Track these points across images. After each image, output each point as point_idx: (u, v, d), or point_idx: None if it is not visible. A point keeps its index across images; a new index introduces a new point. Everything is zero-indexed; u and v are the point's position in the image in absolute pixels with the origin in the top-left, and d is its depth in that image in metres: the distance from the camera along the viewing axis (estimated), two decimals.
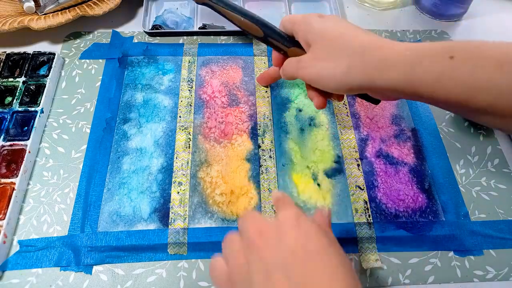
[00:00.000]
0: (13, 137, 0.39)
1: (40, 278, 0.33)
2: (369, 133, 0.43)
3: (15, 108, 0.41)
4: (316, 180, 0.39)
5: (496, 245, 0.36)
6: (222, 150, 0.41)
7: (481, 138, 0.43)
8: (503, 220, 0.38)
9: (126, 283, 0.33)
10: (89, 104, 0.44)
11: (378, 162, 0.41)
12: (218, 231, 0.36)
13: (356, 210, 0.37)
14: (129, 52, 0.48)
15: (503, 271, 0.35)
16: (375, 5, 0.56)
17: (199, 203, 0.37)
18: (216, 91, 0.45)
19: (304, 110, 0.44)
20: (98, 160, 0.39)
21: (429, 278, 0.35)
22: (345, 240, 0.36)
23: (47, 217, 0.36)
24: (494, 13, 0.56)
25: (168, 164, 0.39)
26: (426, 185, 0.39)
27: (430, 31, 0.53)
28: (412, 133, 0.43)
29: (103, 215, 0.36)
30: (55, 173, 0.39)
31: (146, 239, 0.35)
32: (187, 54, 0.48)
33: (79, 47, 0.48)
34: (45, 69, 0.45)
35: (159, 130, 0.42)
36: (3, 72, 0.44)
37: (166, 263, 0.35)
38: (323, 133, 0.42)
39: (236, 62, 0.48)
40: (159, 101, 0.44)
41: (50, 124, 0.42)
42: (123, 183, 0.38)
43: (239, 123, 0.43)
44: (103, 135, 0.41)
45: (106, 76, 0.46)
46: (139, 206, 0.37)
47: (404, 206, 0.38)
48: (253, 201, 0.38)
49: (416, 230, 0.37)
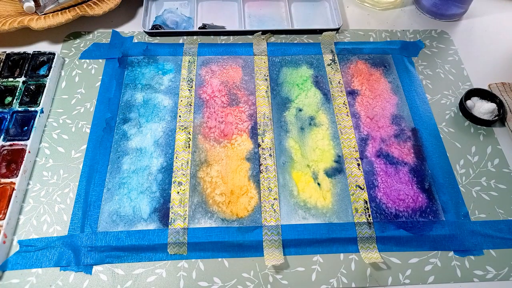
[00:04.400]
0: (13, 137, 0.39)
1: (40, 278, 0.33)
2: (369, 132, 0.43)
3: (15, 108, 0.41)
4: (316, 179, 0.39)
5: (496, 245, 0.36)
6: (222, 150, 0.41)
7: (481, 138, 0.43)
8: (503, 220, 0.38)
9: (126, 283, 0.33)
10: (89, 104, 0.44)
11: (378, 162, 0.41)
12: (218, 231, 0.36)
13: (356, 209, 0.37)
14: (129, 52, 0.48)
15: (503, 271, 0.35)
16: (375, 5, 0.56)
17: (199, 203, 0.37)
18: (216, 90, 0.45)
19: (304, 110, 0.44)
20: (98, 160, 0.39)
21: (429, 278, 0.34)
22: (345, 240, 0.36)
23: (47, 217, 0.36)
24: (494, 13, 0.56)
25: (168, 164, 0.39)
26: (426, 185, 0.39)
27: (430, 31, 0.53)
28: (412, 133, 0.43)
29: (103, 215, 0.36)
30: (55, 173, 0.39)
31: (146, 239, 0.35)
32: (187, 54, 0.48)
33: (79, 47, 0.48)
34: (45, 69, 0.45)
35: (159, 130, 0.42)
36: (3, 72, 0.44)
37: (166, 263, 0.35)
38: (323, 132, 0.42)
39: (236, 62, 0.48)
40: (159, 101, 0.44)
41: (50, 124, 0.42)
42: (123, 183, 0.38)
43: (239, 123, 0.43)
44: (103, 135, 0.41)
45: (106, 76, 0.46)
46: (139, 206, 0.37)
47: (404, 206, 0.38)
48: (253, 201, 0.38)
49: (416, 230, 0.36)
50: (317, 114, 0.44)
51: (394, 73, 0.48)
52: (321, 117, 0.44)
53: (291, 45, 0.50)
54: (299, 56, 0.49)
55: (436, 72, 0.49)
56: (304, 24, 0.53)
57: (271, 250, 0.35)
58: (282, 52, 0.49)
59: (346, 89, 0.46)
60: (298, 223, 0.37)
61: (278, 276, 0.34)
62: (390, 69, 0.48)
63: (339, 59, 0.49)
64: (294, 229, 0.36)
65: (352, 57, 0.49)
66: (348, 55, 0.49)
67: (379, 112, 0.44)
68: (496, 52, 0.51)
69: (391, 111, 0.45)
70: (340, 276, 0.34)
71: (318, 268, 0.35)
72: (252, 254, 0.35)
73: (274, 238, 0.35)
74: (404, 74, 0.48)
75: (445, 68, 0.49)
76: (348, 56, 0.49)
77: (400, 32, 0.53)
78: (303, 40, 0.51)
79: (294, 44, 0.50)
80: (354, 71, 0.48)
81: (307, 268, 0.35)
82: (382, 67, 0.49)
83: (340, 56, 0.49)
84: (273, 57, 0.48)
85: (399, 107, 0.45)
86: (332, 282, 0.34)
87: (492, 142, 0.43)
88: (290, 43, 0.50)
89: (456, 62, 0.50)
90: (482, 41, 0.53)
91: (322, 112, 0.44)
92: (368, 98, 0.45)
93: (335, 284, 0.34)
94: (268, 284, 0.34)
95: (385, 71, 0.48)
